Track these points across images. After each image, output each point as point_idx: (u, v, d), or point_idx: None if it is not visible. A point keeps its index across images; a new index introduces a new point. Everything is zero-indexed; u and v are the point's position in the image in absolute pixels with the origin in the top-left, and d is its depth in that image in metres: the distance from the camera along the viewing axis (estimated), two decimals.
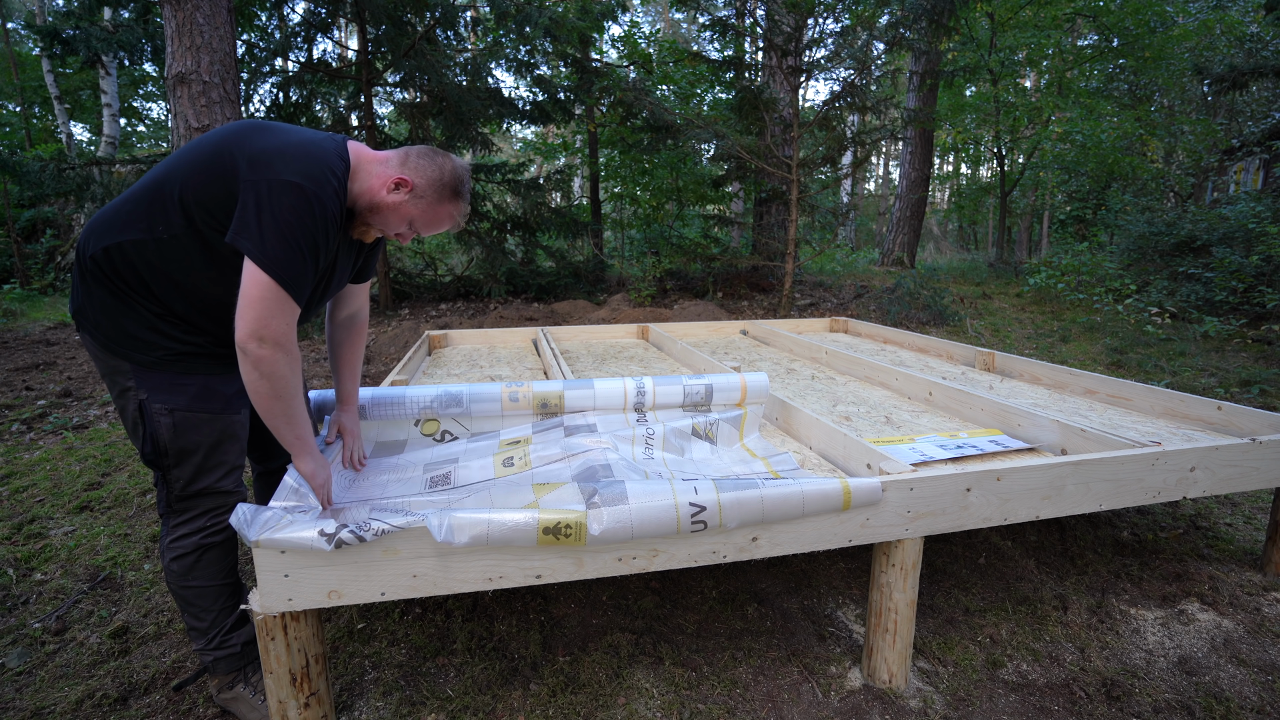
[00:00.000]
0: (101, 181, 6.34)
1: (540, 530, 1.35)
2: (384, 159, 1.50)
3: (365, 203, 1.47)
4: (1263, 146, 7.94)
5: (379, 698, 1.68)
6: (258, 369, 1.32)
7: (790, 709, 1.65)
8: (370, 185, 1.47)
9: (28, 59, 13.22)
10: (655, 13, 22.99)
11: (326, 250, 1.41)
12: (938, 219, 20.10)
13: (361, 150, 1.50)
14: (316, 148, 1.40)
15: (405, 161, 1.49)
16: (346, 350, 1.79)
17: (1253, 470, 2.01)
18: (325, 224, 1.38)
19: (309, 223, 1.34)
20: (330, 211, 1.38)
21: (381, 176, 1.47)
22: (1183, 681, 1.77)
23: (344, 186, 1.43)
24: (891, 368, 2.90)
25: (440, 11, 7.05)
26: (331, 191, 1.38)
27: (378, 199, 1.47)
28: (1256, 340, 5.71)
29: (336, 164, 1.41)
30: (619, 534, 1.39)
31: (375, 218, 1.50)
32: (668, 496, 1.44)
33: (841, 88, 7.07)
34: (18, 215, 9.93)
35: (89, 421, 3.96)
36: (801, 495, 1.49)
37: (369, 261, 1.75)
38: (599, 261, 9.63)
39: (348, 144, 1.48)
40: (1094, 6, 10.35)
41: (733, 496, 1.45)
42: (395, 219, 1.50)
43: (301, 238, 1.33)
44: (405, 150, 1.51)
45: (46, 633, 1.94)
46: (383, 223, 1.51)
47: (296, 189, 1.32)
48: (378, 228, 1.52)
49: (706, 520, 1.44)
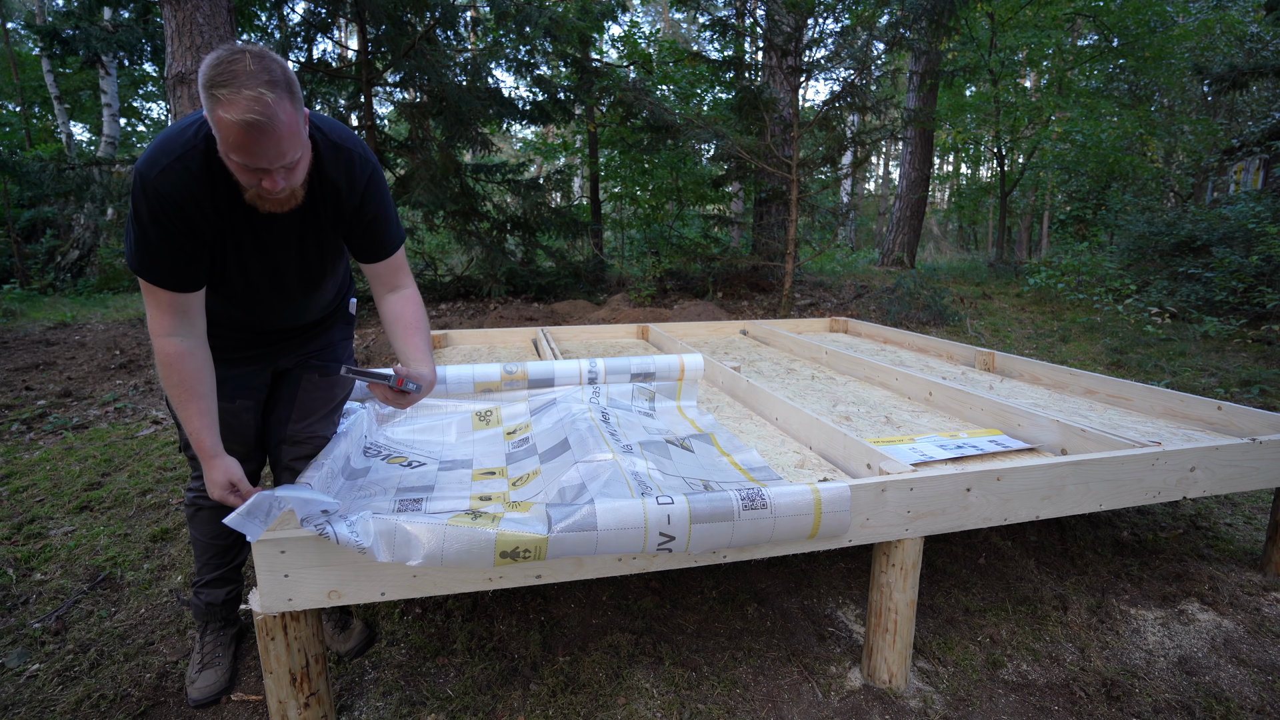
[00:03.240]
0: (101, 181, 6.34)
1: (497, 554, 1.30)
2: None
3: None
4: (1263, 146, 7.93)
5: (379, 698, 1.68)
6: (158, 361, 1.37)
7: (790, 709, 1.65)
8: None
9: (28, 59, 13.22)
10: (655, 13, 22.99)
11: (179, 230, 1.30)
12: (938, 219, 20.10)
13: None
14: (178, 124, 1.32)
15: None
16: (398, 326, 1.60)
17: (1253, 470, 2.01)
18: (157, 203, 1.27)
19: (141, 207, 1.28)
20: (159, 189, 1.26)
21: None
22: (1183, 681, 1.76)
23: (192, 159, 1.28)
24: (891, 368, 2.90)
25: (440, 11, 7.05)
26: (161, 168, 1.26)
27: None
28: (1256, 340, 5.71)
29: (181, 139, 1.29)
30: (583, 551, 1.36)
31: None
32: (638, 523, 1.37)
33: (841, 88, 7.07)
34: (18, 215, 9.93)
35: (89, 421, 3.96)
36: (772, 524, 1.46)
37: (361, 238, 1.53)
38: (599, 261, 9.62)
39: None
40: (1094, 6, 10.35)
41: (704, 529, 1.41)
42: (228, 165, 1.26)
43: (140, 223, 1.28)
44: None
45: (46, 633, 1.94)
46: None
47: (135, 175, 1.28)
48: (247, 188, 1.30)
49: (673, 548, 1.41)
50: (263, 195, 1.29)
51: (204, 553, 1.75)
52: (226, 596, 1.79)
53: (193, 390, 1.38)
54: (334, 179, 1.43)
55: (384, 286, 1.63)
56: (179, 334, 1.36)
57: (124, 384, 4.78)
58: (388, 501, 1.64)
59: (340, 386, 1.82)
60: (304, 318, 1.68)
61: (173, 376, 1.36)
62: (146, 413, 4.14)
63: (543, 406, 2.30)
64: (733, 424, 2.35)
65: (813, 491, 1.49)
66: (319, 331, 1.74)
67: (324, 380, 1.76)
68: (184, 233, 1.31)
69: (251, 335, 1.62)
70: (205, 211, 1.32)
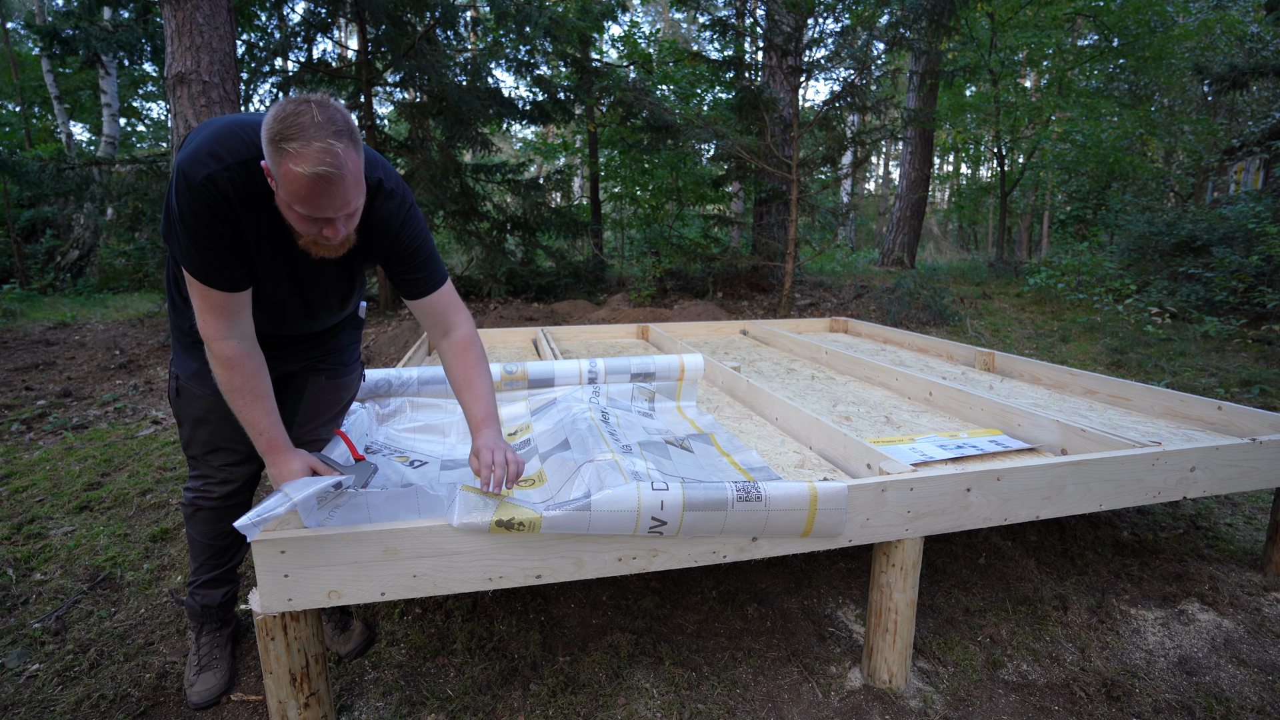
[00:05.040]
0: (101, 181, 6.33)
1: (494, 521, 1.34)
2: None
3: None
4: (1263, 146, 7.93)
5: (379, 698, 1.68)
6: (216, 364, 1.37)
7: (790, 709, 1.65)
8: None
9: (28, 59, 13.22)
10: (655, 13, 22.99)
11: (223, 232, 1.27)
12: (938, 219, 20.10)
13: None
14: (226, 128, 1.27)
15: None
16: (457, 374, 1.54)
17: (1253, 470, 2.01)
18: (204, 206, 1.23)
19: (184, 206, 1.24)
20: (208, 195, 1.23)
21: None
22: (1183, 682, 1.76)
23: (241, 166, 1.25)
24: (891, 368, 2.90)
25: (440, 11, 7.05)
26: (206, 175, 1.22)
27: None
28: (1256, 340, 5.71)
29: (235, 142, 1.25)
30: (576, 529, 1.39)
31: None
32: (631, 506, 1.38)
33: (841, 88, 7.07)
34: (17, 215, 9.93)
35: (89, 421, 3.96)
36: (766, 515, 1.47)
37: (405, 272, 1.49)
38: (599, 261, 9.62)
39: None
40: (1094, 6, 10.35)
41: (696, 516, 1.42)
42: (287, 216, 1.25)
43: (185, 224, 1.25)
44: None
45: (46, 633, 1.94)
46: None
47: (178, 173, 1.24)
48: (303, 235, 1.28)
49: (664, 531, 1.42)
50: (319, 242, 1.27)
51: (201, 553, 1.75)
52: (223, 598, 1.78)
53: (255, 390, 1.38)
54: (383, 217, 1.42)
55: (438, 330, 1.55)
56: (234, 336, 1.35)
57: (124, 384, 4.78)
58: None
59: (347, 390, 1.83)
60: (319, 328, 1.68)
61: (235, 379, 1.36)
62: (146, 413, 4.14)
63: (543, 407, 2.30)
64: (733, 424, 2.35)
65: (809, 488, 1.49)
66: (329, 336, 1.75)
67: (331, 383, 1.76)
68: (228, 234, 1.29)
69: (264, 338, 1.62)
70: (245, 223, 1.31)
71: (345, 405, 1.84)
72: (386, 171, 1.45)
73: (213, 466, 1.66)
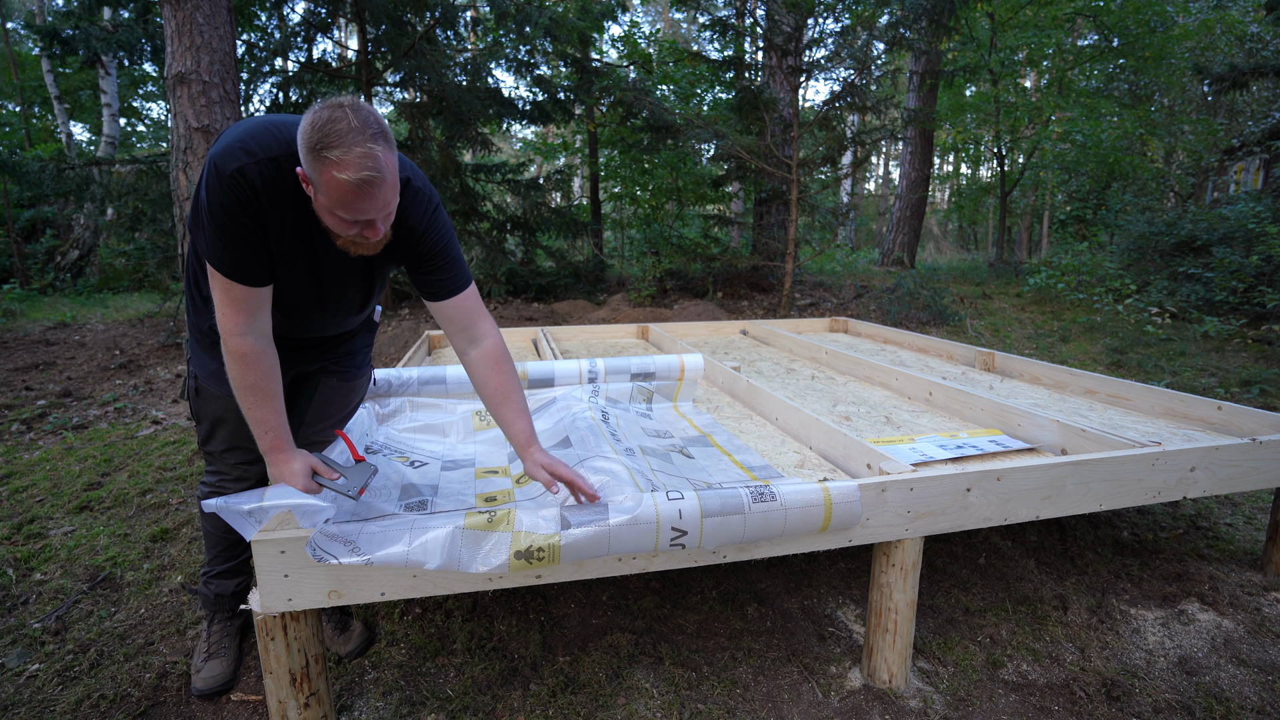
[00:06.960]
0: (101, 181, 6.34)
1: (512, 555, 1.32)
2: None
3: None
4: (1263, 146, 7.93)
5: (379, 698, 1.68)
6: (230, 359, 1.36)
7: (790, 709, 1.65)
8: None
9: (28, 59, 13.22)
10: (655, 13, 22.99)
11: (249, 226, 1.28)
12: (938, 219, 20.10)
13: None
14: (260, 125, 1.29)
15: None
16: (491, 386, 1.52)
17: (1253, 470, 2.01)
18: (233, 198, 1.24)
19: (214, 199, 1.24)
20: (237, 188, 1.23)
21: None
22: (1183, 681, 1.76)
23: (271, 161, 1.26)
24: (891, 368, 2.90)
25: (440, 11, 7.05)
26: (237, 167, 1.22)
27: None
28: (1256, 340, 5.71)
29: (269, 139, 1.26)
30: (596, 552, 1.37)
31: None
32: (650, 519, 1.37)
33: (841, 88, 7.07)
34: (17, 215, 9.93)
35: (89, 421, 3.96)
36: (784, 517, 1.46)
37: (428, 273, 1.48)
38: (599, 261, 9.62)
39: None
40: (1094, 6, 10.35)
41: (716, 523, 1.41)
42: (326, 219, 1.27)
43: (213, 216, 1.25)
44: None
45: (46, 633, 1.94)
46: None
47: (210, 166, 1.24)
48: (340, 235, 1.30)
49: (685, 543, 1.41)
50: (357, 242, 1.29)
51: (216, 545, 1.77)
52: (236, 588, 1.81)
53: (266, 389, 1.38)
54: (410, 216, 1.42)
55: (463, 337, 1.52)
56: (252, 332, 1.35)
57: (124, 384, 4.78)
58: (392, 504, 1.64)
59: (357, 392, 1.84)
60: (337, 330, 1.68)
61: (248, 376, 1.35)
62: (146, 413, 4.14)
63: (543, 406, 2.30)
64: (733, 424, 2.35)
65: (819, 484, 1.50)
66: (345, 339, 1.75)
67: (343, 385, 1.77)
68: (254, 228, 1.29)
69: (282, 340, 1.62)
70: (270, 219, 1.31)
71: (354, 407, 1.86)
72: (413, 171, 1.45)
73: (229, 464, 1.69)
